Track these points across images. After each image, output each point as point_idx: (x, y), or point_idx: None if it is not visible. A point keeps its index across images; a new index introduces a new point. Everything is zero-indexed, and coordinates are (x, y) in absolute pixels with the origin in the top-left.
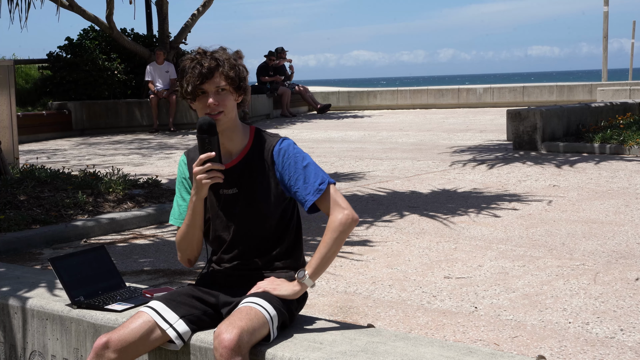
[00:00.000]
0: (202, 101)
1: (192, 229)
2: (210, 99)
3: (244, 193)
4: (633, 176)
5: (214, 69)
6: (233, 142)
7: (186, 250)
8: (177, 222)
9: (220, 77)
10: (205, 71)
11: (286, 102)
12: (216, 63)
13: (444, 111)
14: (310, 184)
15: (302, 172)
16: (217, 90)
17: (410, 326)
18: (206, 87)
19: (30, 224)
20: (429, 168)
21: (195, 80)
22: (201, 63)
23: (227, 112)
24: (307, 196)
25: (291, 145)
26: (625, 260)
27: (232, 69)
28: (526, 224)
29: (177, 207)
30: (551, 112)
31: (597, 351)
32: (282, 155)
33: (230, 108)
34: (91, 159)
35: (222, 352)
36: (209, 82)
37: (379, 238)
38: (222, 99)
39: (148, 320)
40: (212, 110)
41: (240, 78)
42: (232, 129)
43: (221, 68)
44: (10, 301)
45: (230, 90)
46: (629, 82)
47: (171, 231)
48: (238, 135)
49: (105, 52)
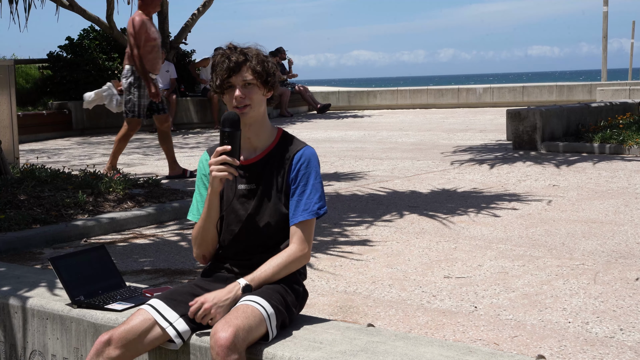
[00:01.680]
0: (230, 94)
1: (207, 224)
2: (237, 91)
3: (261, 189)
4: (633, 176)
5: (242, 63)
6: (259, 138)
7: (201, 245)
8: (194, 218)
9: (247, 71)
10: (233, 65)
11: (285, 102)
12: (244, 57)
13: (443, 111)
14: (312, 201)
15: (310, 187)
16: (244, 84)
17: (410, 326)
18: (233, 81)
19: (30, 223)
20: (428, 168)
21: (224, 74)
22: (229, 57)
23: (254, 105)
24: (303, 212)
25: (314, 155)
26: (625, 260)
27: (260, 64)
28: (526, 223)
29: (196, 203)
30: (551, 112)
31: (597, 351)
32: (301, 163)
33: (257, 102)
34: (91, 158)
35: (218, 350)
36: (236, 75)
37: (379, 238)
38: (249, 93)
39: (148, 318)
40: (238, 103)
41: (269, 73)
42: (260, 124)
43: (249, 62)
44: (11, 300)
45: (257, 85)
46: (628, 82)
47: (171, 231)
48: (265, 132)
49: (106, 51)
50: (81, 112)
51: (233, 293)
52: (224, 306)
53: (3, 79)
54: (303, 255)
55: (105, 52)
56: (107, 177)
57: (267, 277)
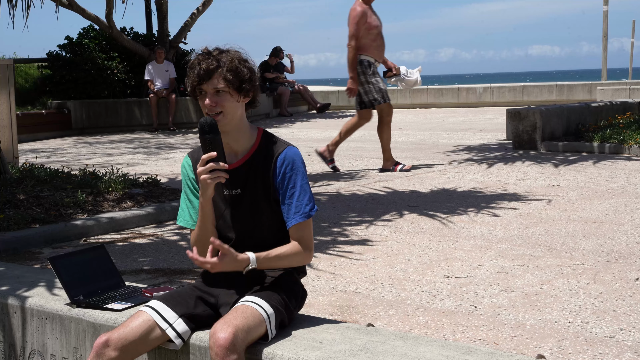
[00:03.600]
0: (202, 101)
1: (205, 231)
2: (207, 100)
3: (248, 194)
4: (633, 175)
5: (213, 71)
6: (239, 143)
7: (203, 252)
8: (186, 224)
9: (218, 78)
10: (203, 72)
11: (285, 101)
12: (216, 64)
13: (443, 110)
14: (302, 204)
15: (298, 188)
16: (215, 92)
17: (409, 325)
18: (204, 88)
19: (29, 223)
20: (428, 167)
21: (194, 80)
22: (201, 63)
23: (226, 113)
24: (295, 215)
25: (298, 156)
26: (625, 260)
27: (232, 71)
28: (526, 223)
29: (187, 209)
30: (551, 112)
31: (597, 350)
32: (285, 165)
33: (231, 109)
34: (91, 158)
35: (217, 351)
36: (207, 83)
37: (379, 237)
38: (220, 100)
39: (148, 320)
40: (209, 111)
41: (242, 80)
42: (237, 129)
43: (220, 69)
44: (10, 300)
45: (230, 92)
46: (628, 81)
47: (171, 230)
48: (244, 136)
49: (105, 51)
50: (80, 111)
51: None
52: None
53: (2, 78)
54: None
55: (105, 51)
56: (106, 177)
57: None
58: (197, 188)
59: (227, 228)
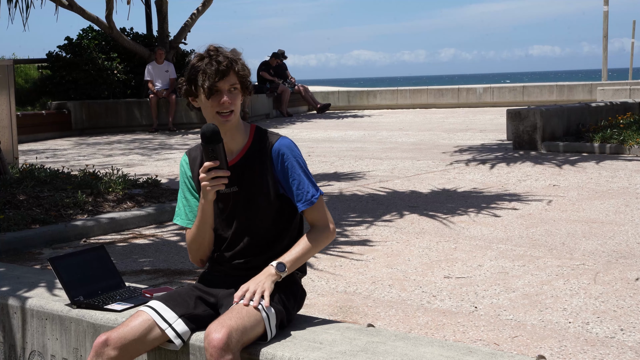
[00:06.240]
0: (216, 99)
1: (203, 232)
2: (225, 97)
3: (244, 191)
4: (633, 176)
5: (230, 68)
6: (235, 141)
7: (198, 251)
8: (182, 222)
9: (234, 76)
10: (223, 68)
11: (285, 101)
12: (230, 62)
13: (443, 111)
14: (303, 192)
15: (297, 177)
16: (230, 89)
17: (410, 326)
18: (221, 85)
19: (29, 223)
20: (428, 168)
21: (214, 78)
22: (218, 61)
23: (236, 111)
24: (298, 204)
25: (290, 146)
26: (626, 260)
27: (244, 69)
28: (526, 223)
29: (183, 207)
30: (551, 112)
31: (597, 351)
32: (281, 156)
33: (238, 107)
34: (91, 158)
35: (211, 351)
36: (224, 80)
37: (379, 238)
38: (233, 98)
39: (147, 319)
40: (224, 109)
41: (248, 77)
42: (236, 127)
43: (236, 67)
44: (10, 301)
45: (239, 90)
46: (629, 81)
47: (171, 231)
48: (240, 133)
49: (105, 51)
50: (80, 112)
51: (267, 272)
52: (266, 282)
53: (2, 78)
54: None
55: (105, 52)
56: (106, 177)
57: (299, 257)
58: (194, 186)
59: (225, 226)
